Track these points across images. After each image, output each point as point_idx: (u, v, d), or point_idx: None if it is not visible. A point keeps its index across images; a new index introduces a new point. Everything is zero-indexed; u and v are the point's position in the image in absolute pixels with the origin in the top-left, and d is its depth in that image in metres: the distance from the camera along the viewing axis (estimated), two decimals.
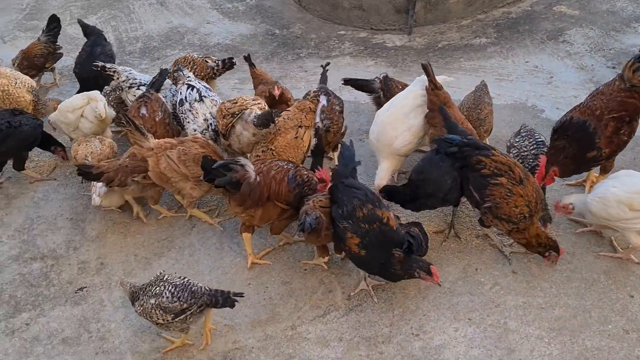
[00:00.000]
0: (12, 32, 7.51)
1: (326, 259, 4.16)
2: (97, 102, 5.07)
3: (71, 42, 7.21)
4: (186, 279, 3.62)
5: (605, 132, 4.00)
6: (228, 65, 5.48)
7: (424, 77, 4.44)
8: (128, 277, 4.29)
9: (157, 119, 4.89)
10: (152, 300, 3.53)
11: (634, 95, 3.97)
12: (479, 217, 4.07)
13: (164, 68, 5.31)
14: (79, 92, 5.61)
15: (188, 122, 4.83)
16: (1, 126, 4.92)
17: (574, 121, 4.06)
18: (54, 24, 6.12)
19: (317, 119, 4.65)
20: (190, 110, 4.82)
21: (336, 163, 4.87)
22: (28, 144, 5.08)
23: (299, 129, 4.46)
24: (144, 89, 5.07)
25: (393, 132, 4.44)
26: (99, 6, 7.89)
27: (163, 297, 3.52)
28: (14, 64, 5.87)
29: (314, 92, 4.64)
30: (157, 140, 4.43)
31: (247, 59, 5.31)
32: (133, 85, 5.16)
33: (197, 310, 3.53)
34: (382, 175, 4.46)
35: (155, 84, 5.05)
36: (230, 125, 4.51)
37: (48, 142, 5.19)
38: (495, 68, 5.86)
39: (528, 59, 5.94)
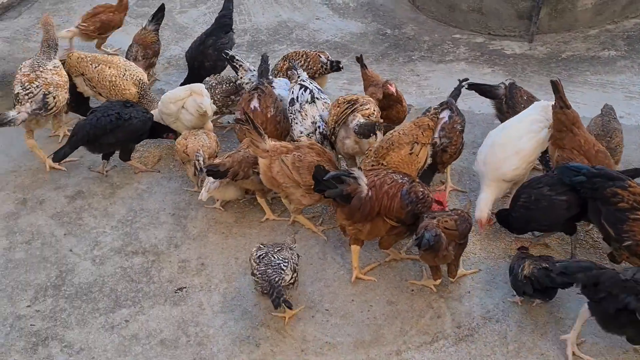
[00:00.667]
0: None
1: (438, 281, 3.91)
2: (201, 97, 4.96)
3: (180, 30, 7.19)
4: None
5: None
6: (335, 68, 5.31)
7: (543, 102, 4.18)
8: (228, 281, 4.16)
9: (268, 115, 4.75)
10: None
11: None
12: (610, 251, 3.72)
13: (264, 54, 5.17)
14: (184, 82, 5.55)
15: (296, 123, 4.68)
16: (110, 117, 4.90)
17: None
18: (161, 13, 6.06)
19: (436, 135, 4.38)
20: (299, 111, 4.67)
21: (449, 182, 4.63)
22: (136, 136, 5.06)
23: (415, 145, 4.20)
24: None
25: (502, 154, 4.16)
26: None
27: None
28: (130, 55, 5.76)
29: (435, 108, 4.38)
30: (273, 142, 4.27)
31: (360, 59, 5.11)
32: None
33: None
34: (483, 206, 4.17)
35: (264, 72, 4.91)
36: (340, 119, 4.35)
37: (158, 131, 5.12)
38: (625, 84, 5.43)
39: None
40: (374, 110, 4.40)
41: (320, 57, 5.32)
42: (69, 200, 5.06)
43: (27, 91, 4.94)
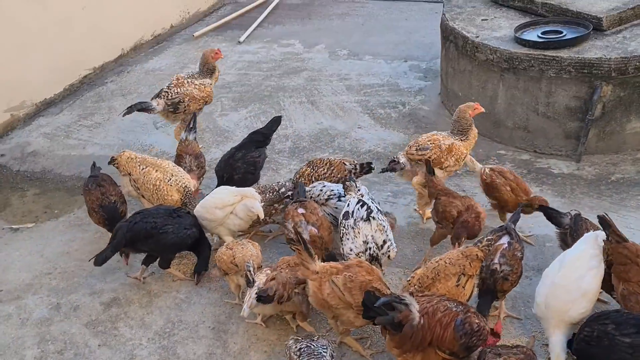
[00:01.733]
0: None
1: None
2: (254, 201, 4.89)
3: (221, 134, 7.20)
4: None
5: None
6: (366, 169, 5.37)
7: (593, 234, 4.08)
8: None
9: (319, 214, 4.66)
10: None
11: None
12: None
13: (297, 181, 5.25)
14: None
15: (347, 239, 4.53)
16: (146, 225, 4.77)
17: None
18: (194, 119, 6.07)
19: (496, 261, 4.21)
20: (353, 228, 4.51)
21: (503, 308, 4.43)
22: (173, 249, 4.90)
23: (462, 276, 4.04)
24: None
25: (566, 296, 3.94)
26: (250, 100, 7.90)
27: None
28: (185, 166, 5.74)
29: (487, 239, 4.23)
30: (322, 263, 4.12)
31: (427, 163, 5.02)
32: (331, 197, 4.93)
33: None
34: (559, 351, 3.92)
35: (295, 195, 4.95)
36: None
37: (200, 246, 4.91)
38: None
39: None
40: None
41: (345, 164, 5.36)
42: (104, 307, 4.92)
43: (170, 91, 6.40)
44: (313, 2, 11.00)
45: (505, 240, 4.37)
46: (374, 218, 4.54)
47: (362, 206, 4.57)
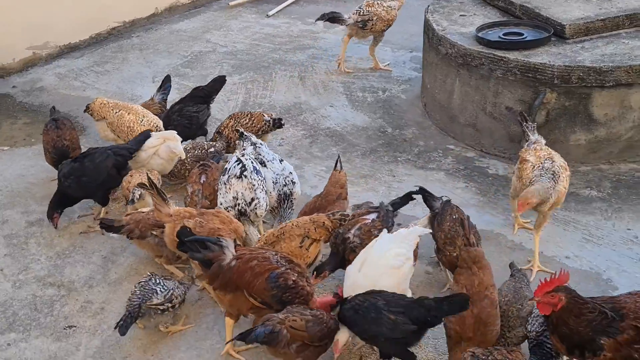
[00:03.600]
0: (163, 74, 8.05)
1: None
2: (175, 142, 5.27)
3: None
4: None
5: (622, 336, 3.36)
6: (277, 125, 5.94)
7: (404, 231, 4.13)
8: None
9: (216, 187, 4.96)
10: None
11: None
12: None
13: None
14: None
15: (219, 193, 4.84)
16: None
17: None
18: (168, 83, 6.46)
19: (352, 232, 4.40)
20: (225, 184, 4.82)
21: None
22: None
23: (305, 239, 4.26)
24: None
25: None
26: (247, 68, 8.28)
27: None
28: None
29: (342, 213, 4.42)
30: (178, 208, 4.47)
31: (337, 161, 5.22)
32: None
33: None
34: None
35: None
36: None
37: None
38: (589, 226, 5.23)
39: (632, 227, 5.21)
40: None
41: (264, 116, 5.86)
42: (27, 225, 5.47)
43: (362, 9, 7.56)
44: None
45: (371, 217, 4.54)
46: (245, 176, 4.82)
47: (238, 164, 4.86)
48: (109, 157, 5.21)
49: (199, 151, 5.70)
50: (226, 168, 4.91)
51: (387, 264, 3.97)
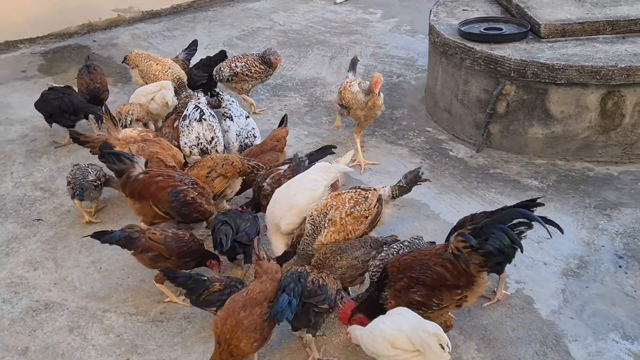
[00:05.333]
0: (217, 44, 9.15)
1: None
2: (167, 91, 6.29)
3: None
4: None
5: (395, 285, 3.93)
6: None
7: (323, 164, 4.79)
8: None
9: None
10: None
11: (445, 264, 3.83)
12: None
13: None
14: None
15: (183, 135, 5.74)
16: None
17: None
18: (194, 47, 7.46)
19: (267, 180, 5.11)
20: (187, 127, 5.73)
21: None
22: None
23: (213, 171, 5.06)
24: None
25: (279, 211, 4.70)
26: (289, 45, 9.20)
27: None
28: None
29: (257, 164, 5.17)
30: (126, 134, 5.44)
31: (283, 119, 6.01)
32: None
33: None
34: (278, 250, 4.72)
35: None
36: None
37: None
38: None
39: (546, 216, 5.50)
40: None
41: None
42: (49, 144, 6.65)
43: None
44: None
45: (284, 167, 5.28)
46: (205, 119, 5.72)
47: (196, 110, 5.76)
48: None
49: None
50: (186, 114, 5.81)
51: (303, 186, 4.69)
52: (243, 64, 6.86)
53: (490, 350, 4.22)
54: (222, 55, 7.22)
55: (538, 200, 4.10)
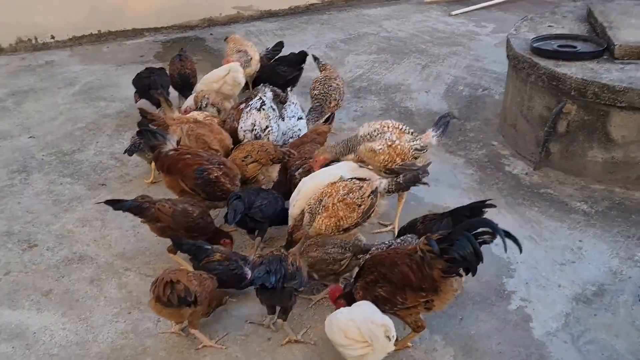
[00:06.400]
0: (320, 46, 9.54)
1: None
2: (237, 73, 6.78)
3: (340, 62, 8.88)
4: None
5: (366, 277, 4.05)
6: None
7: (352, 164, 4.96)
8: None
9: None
10: None
11: (411, 265, 3.90)
12: None
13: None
14: None
15: (241, 120, 6.14)
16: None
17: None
18: (279, 48, 7.86)
19: (297, 173, 5.39)
20: (247, 113, 6.13)
21: None
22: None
23: (249, 156, 5.40)
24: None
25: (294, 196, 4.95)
26: (388, 51, 9.37)
27: None
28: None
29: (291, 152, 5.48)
30: (181, 115, 5.93)
31: (328, 118, 6.33)
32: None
33: None
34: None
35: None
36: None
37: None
38: (544, 229, 5.48)
39: (583, 242, 5.33)
40: None
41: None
42: None
43: None
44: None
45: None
46: (263, 109, 6.08)
47: (259, 100, 6.14)
48: None
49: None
50: (249, 103, 6.21)
51: (324, 178, 4.91)
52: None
53: None
54: (302, 55, 7.50)
55: (488, 202, 4.02)
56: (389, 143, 5.05)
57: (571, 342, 4.35)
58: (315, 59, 7.25)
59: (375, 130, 5.17)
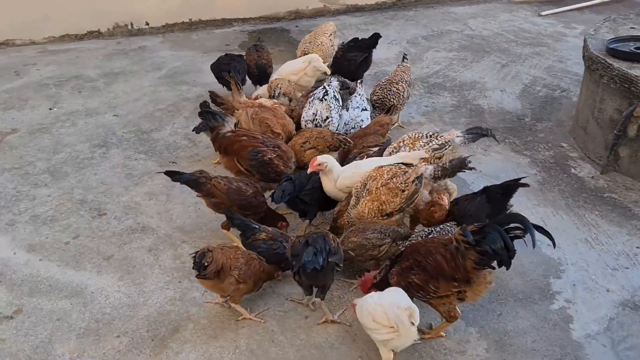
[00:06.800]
0: (401, 41, 9.62)
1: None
2: (318, 62, 6.99)
3: (419, 59, 8.93)
4: None
5: (402, 264, 4.12)
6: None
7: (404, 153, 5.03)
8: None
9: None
10: None
11: (445, 255, 3.94)
12: None
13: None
14: None
15: (305, 109, 6.34)
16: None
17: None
18: (353, 43, 7.88)
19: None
20: (309, 103, 6.32)
21: None
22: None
23: (307, 142, 5.57)
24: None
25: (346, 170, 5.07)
26: (469, 49, 9.31)
27: None
28: None
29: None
30: (247, 99, 6.18)
31: (389, 110, 6.42)
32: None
33: None
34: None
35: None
36: None
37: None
38: (601, 233, 5.39)
39: (638, 251, 5.21)
40: None
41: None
42: None
43: None
44: None
45: (374, 149, 5.65)
46: (325, 99, 6.25)
47: (322, 90, 6.31)
48: None
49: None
50: (313, 92, 6.39)
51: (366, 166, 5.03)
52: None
53: (498, 354, 4.21)
54: (375, 38, 7.48)
55: (522, 181, 4.28)
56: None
57: (610, 346, 4.26)
58: (404, 57, 7.25)
59: (392, 150, 5.26)
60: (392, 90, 6.64)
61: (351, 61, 7.46)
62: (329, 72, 7.03)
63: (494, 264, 3.88)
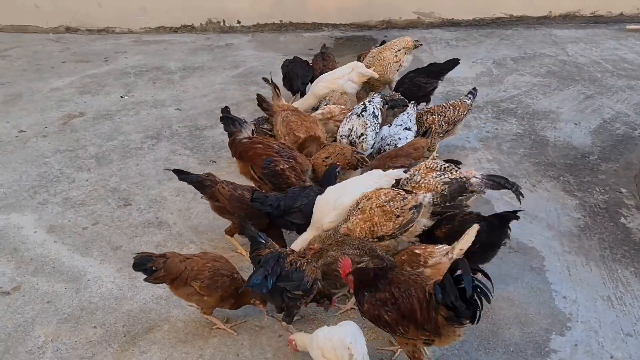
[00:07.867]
0: (487, 61, 9.24)
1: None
2: (362, 68, 6.93)
3: (489, 76, 8.56)
4: None
5: (377, 294, 3.89)
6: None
7: (380, 172, 4.89)
8: None
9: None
10: None
11: (421, 301, 3.70)
12: None
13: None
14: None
15: (342, 125, 6.24)
16: None
17: None
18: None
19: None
20: (348, 117, 6.22)
21: None
22: None
23: (328, 158, 5.49)
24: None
25: (325, 208, 4.74)
26: (549, 74, 8.79)
27: None
28: None
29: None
30: (284, 103, 6.17)
31: (425, 132, 6.21)
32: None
33: None
34: (300, 242, 4.75)
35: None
36: None
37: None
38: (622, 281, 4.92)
39: None
40: None
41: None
42: None
43: None
44: None
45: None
46: (363, 116, 6.12)
47: (361, 106, 6.19)
48: None
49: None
50: (353, 108, 6.27)
51: (352, 188, 4.88)
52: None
53: None
54: (450, 65, 7.21)
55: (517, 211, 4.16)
56: (413, 185, 4.85)
57: None
58: (471, 92, 6.72)
59: (407, 179, 4.98)
60: (422, 119, 6.39)
61: (421, 87, 7.18)
62: (376, 75, 6.90)
63: (464, 320, 3.60)
